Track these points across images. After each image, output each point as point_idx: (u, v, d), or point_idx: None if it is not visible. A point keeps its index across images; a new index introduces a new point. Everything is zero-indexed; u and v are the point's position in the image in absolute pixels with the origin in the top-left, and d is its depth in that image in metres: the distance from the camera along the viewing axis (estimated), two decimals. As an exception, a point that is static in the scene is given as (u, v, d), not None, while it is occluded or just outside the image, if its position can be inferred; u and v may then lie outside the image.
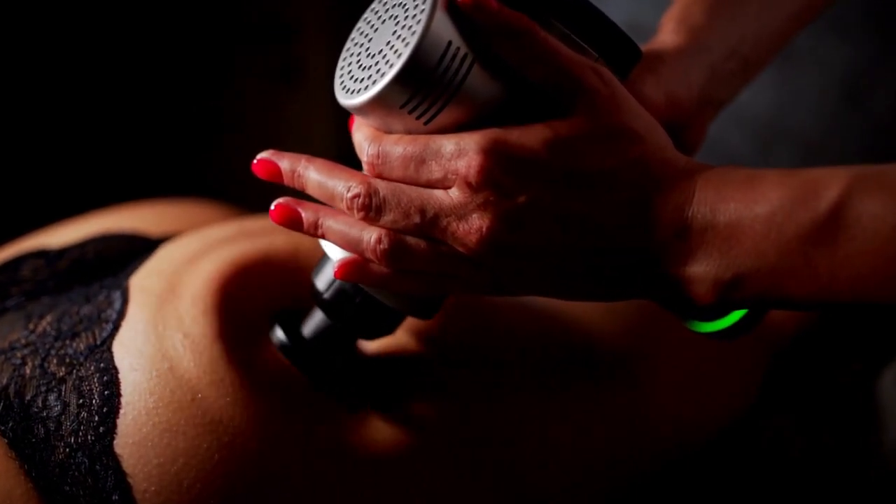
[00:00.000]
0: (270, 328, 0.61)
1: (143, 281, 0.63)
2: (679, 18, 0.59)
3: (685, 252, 0.47)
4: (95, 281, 0.67)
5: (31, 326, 0.63)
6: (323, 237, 0.52)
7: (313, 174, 0.51)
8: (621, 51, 0.51)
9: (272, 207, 0.52)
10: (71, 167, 1.21)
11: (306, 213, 0.52)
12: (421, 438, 0.60)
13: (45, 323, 0.63)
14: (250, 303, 0.62)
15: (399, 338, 0.63)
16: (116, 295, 0.62)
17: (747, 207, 0.45)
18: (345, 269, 0.51)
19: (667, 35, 0.58)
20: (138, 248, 0.71)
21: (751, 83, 0.62)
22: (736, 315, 0.53)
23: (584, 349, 0.69)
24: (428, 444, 0.60)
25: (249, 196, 1.19)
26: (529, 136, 0.47)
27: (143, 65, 1.22)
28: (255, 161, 0.53)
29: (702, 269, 0.46)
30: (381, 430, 0.59)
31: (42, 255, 0.70)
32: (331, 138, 1.32)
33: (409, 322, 0.62)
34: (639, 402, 0.69)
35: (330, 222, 0.51)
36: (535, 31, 0.47)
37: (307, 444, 0.58)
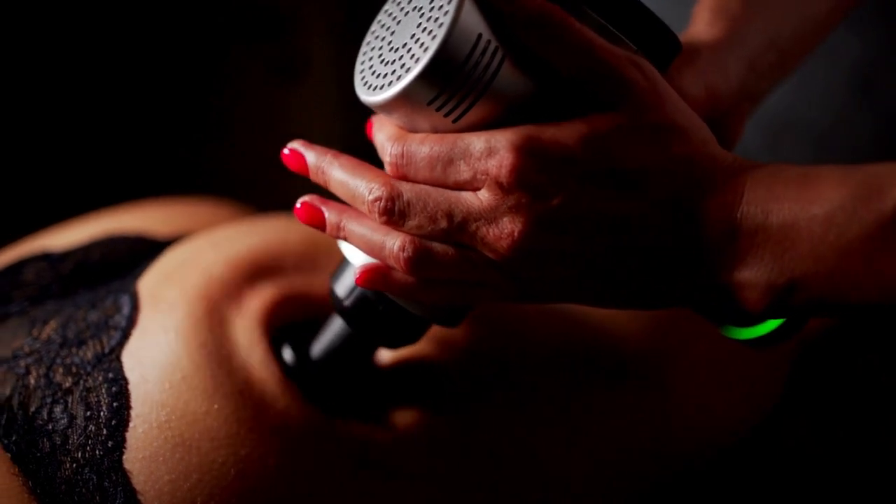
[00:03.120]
0: (280, 346, 0.58)
1: (153, 285, 0.61)
2: (715, 9, 0.56)
3: (734, 256, 0.44)
4: (102, 284, 0.65)
5: (35, 333, 0.60)
6: (345, 240, 0.49)
7: (337, 172, 0.48)
8: (660, 42, 0.48)
9: (297, 205, 0.50)
10: (70, 167, 1.18)
11: (329, 214, 0.49)
12: (441, 451, 0.58)
13: (50, 329, 0.60)
14: (266, 306, 0.59)
15: (417, 345, 0.61)
16: (124, 300, 0.60)
17: (803, 207, 0.42)
18: (366, 277, 0.49)
19: (702, 26, 0.56)
20: (145, 250, 0.69)
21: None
22: (775, 321, 0.50)
23: (609, 355, 0.67)
24: (449, 457, 0.58)
25: (252, 193, 1.17)
26: (565, 132, 0.44)
27: (143, 62, 1.20)
28: (285, 150, 0.51)
29: (753, 275, 0.44)
30: (399, 444, 0.57)
31: (45, 258, 0.68)
32: (334, 135, 1.30)
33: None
34: (664, 408, 0.67)
35: (352, 225, 0.48)
36: (569, 23, 0.44)
37: (327, 458, 0.55)
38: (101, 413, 0.54)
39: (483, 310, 0.62)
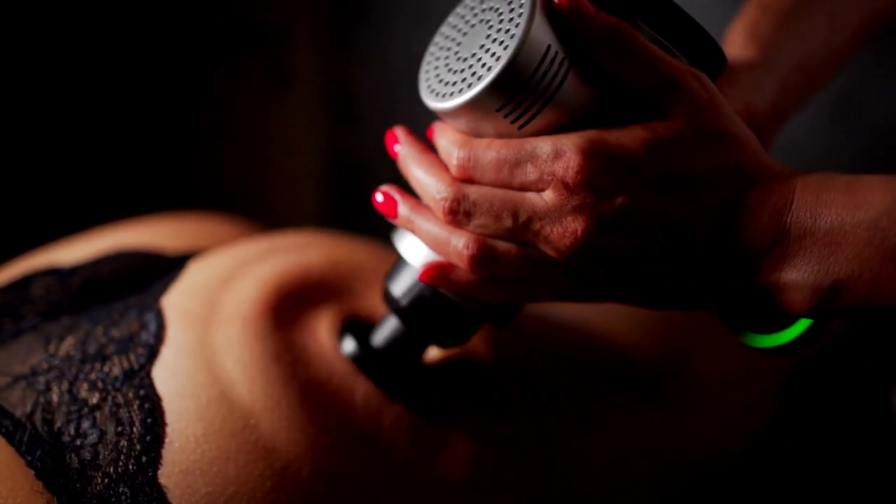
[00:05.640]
0: (340, 339, 0.59)
1: (180, 302, 0.60)
2: (748, 33, 0.59)
3: (782, 258, 0.46)
4: (116, 300, 0.63)
5: (52, 349, 0.59)
6: (413, 233, 0.51)
7: (414, 168, 0.51)
8: (710, 57, 0.50)
9: (377, 194, 0.52)
10: (60, 175, 1.15)
11: (402, 207, 0.51)
12: (476, 455, 0.58)
13: (68, 345, 0.59)
14: (296, 320, 0.60)
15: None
16: (150, 317, 0.59)
17: (849, 213, 0.44)
18: (430, 273, 0.50)
19: (737, 49, 0.58)
20: (156, 266, 0.68)
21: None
22: (798, 328, 0.51)
23: (622, 366, 0.69)
24: (483, 460, 0.59)
25: (239, 202, 1.15)
26: (629, 137, 0.46)
27: (133, 72, 1.18)
28: (390, 133, 0.53)
29: (799, 276, 0.45)
30: (436, 448, 0.57)
31: (53, 272, 0.66)
32: (320, 145, 1.29)
33: None
34: (675, 418, 0.69)
35: (420, 221, 0.50)
36: (636, 37, 0.46)
37: (362, 467, 0.55)
38: (134, 429, 0.53)
39: None
